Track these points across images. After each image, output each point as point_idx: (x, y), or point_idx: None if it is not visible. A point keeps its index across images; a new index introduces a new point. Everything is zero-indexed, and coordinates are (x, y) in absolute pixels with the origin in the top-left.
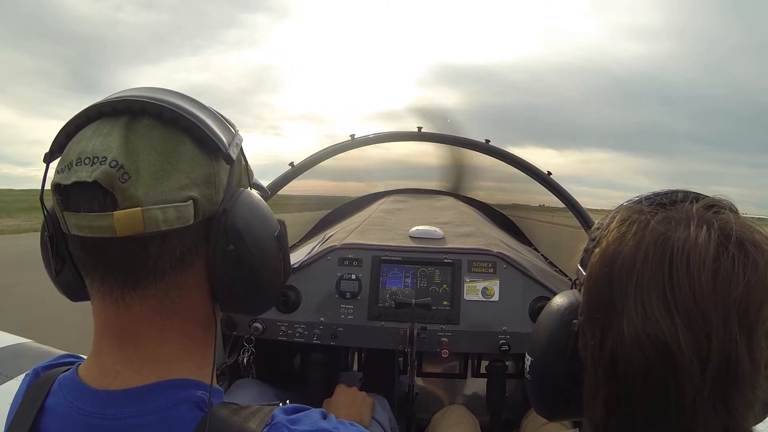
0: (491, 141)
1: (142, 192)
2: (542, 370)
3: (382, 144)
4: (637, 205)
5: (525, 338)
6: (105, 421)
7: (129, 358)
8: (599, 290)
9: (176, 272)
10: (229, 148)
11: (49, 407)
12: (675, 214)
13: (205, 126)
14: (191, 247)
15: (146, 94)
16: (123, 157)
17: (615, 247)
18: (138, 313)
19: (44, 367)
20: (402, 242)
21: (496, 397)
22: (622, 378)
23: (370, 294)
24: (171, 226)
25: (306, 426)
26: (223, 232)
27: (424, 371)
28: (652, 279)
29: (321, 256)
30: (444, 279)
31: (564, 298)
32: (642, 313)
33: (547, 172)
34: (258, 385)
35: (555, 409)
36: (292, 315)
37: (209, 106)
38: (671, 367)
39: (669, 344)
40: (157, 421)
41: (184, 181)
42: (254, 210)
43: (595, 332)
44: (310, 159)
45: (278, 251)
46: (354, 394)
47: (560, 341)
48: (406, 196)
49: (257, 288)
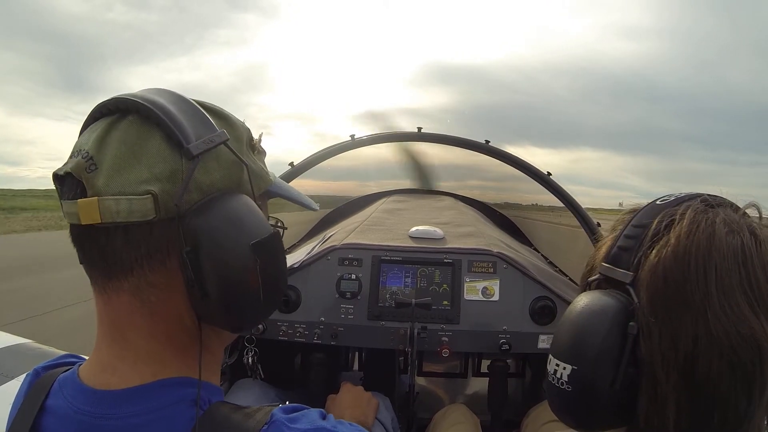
0: (481, 140)
1: (102, 182)
2: (592, 378)
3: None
4: (698, 204)
5: (525, 338)
6: (105, 421)
7: (121, 353)
8: (670, 287)
9: (145, 269)
10: (194, 143)
11: (49, 407)
12: (728, 217)
13: (172, 120)
14: (159, 246)
15: (140, 93)
16: (94, 150)
17: (688, 242)
18: (117, 306)
19: (45, 367)
20: (402, 242)
21: (498, 397)
22: (702, 378)
23: (371, 294)
24: (126, 218)
25: (305, 425)
26: (181, 231)
27: (424, 371)
28: (732, 275)
29: (321, 256)
30: (444, 279)
31: (605, 299)
32: (730, 311)
33: (546, 172)
34: (259, 386)
35: (597, 420)
36: (292, 315)
37: (213, 107)
38: (759, 362)
39: (761, 342)
40: (156, 419)
41: (145, 175)
42: (228, 213)
43: (664, 333)
44: (310, 159)
45: (252, 259)
46: (360, 394)
47: (614, 347)
48: (406, 196)
49: (226, 296)
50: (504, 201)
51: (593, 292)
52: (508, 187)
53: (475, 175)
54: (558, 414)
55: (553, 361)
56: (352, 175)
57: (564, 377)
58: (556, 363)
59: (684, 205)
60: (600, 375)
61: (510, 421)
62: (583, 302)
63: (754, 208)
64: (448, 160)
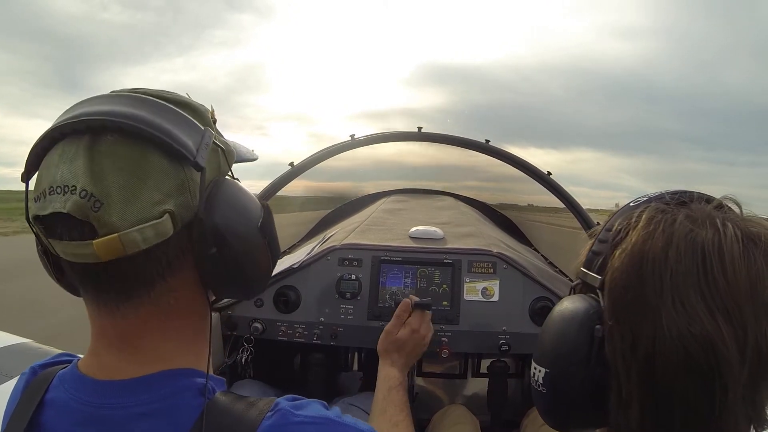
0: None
1: (117, 217)
2: (561, 380)
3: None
4: (657, 204)
5: (525, 338)
6: (108, 411)
7: (128, 357)
8: (628, 290)
9: (165, 278)
10: (197, 153)
11: (49, 401)
12: (694, 213)
13: (168, 135)
14: (177, 254)
15: (103, 108)
16: (91, 185)
17: (644, 244)
18: (134, 321)
19: (41, 365)
20: (402, 242)
21: (498, 397)
22: (661, 379)
23: (370, 294)
24: (151, 243)
25: (310, 412)
26: (204, 235)
27: (424, 371)
28: (687, 276)
29: (321, 256)
30: (444, 279)
31: (577, 303)
32: (682, 311)
33: (547, 172)
34: (260, 386)
35: (575, 420)
36: (292, 315)
37: (176, 99)
38: (716, 363)
39: (714, 340)
40: (161, 408)
41: (157, 197)
42: (233, 205)
43: (625, 334)
44: (310, 159)
45: (262, 240)
46: (420, 342)
47: (582, 349)
48: (406, 197)
49: (246, 279)
50: (504, 201)
51: (570, 297)
52: (507, 188)
53: (475, 175)
54: (540, 415)
55: (533, 365)
56: (352, 175)
57: (540, 380)
58: (535, 366)
59: (643, 206)
60: (569, 377)
61: (509, 421)
62: (559, 308)
63: (730, 201)
64: (448, 160)
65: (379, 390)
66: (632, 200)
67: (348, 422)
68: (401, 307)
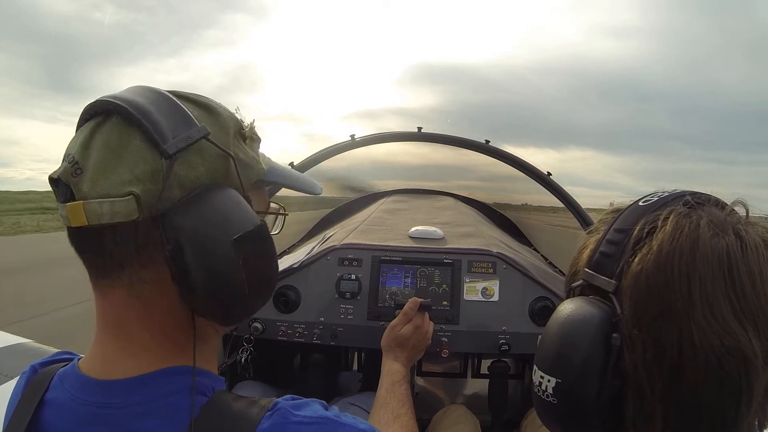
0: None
1: (87, 186)
2: (576, 392)
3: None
4: (679, 207)
5: (525, 338)
6: (108, 410)
7: (122, 345)
8: (654, 297)
9: (134, 266)
10: (171, 142)
11: (49, 401)
12: (714, 218)
13: (150, 120)
14: (145, 243)
15: (122, 94)
16: (79, 154)
17: (671, 249)
18: (113, 301)
19: (41, 364)
20: (402, 242)
21: (499, 397)
22: (687, 390)
23: (370, 294)
24: (111, 220)
25: (309, 412)
26: (164, 229)
27: (424, 371)
28: (716, 282)
29: (321, 256)
30: (444, 279)
31: (587, 308)
32: (713, 320)
33: (546, 172)
34: (261, 387)
35: (591, 431)
36: (291, 315)
37: (192, 97)
38: (746, 375)
39: (746, 352)
40: (159, 407)
41: (127, 177)
42: (209, 208)
43: (649, 344)
44: (310, 159)
45: (234, 255)
46: (424, 338)
47: (597, 359)
48: (406, 197)
49: (211, 291)
50: (504, 201)
51: (576, 300)
52: (507, 188)
53: (475, 175)
54: (546, 425)
55: (538, 373)
56: (352, 175)
57: (549, 390)
58: (541, 375)
59: (667, 209)
60: (584, 388)
61: (509, 421)
62: (566, 312)
63: (741, 206)
64: (448, 161)
65: (383, 384)
66: (641, 199)
67: (347, 422)
68: (409, 304)
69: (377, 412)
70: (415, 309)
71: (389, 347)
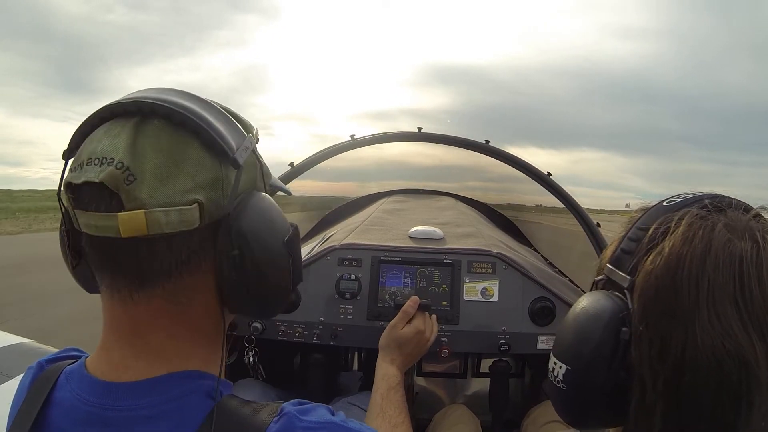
0: (480, 140)
1: (146, 194)
2: (584, 380)
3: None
4: (697, 209)
5: (524, 338)
6: (115, 413)
7: (137, 353)
8: (661, 295)
9: (182, 274)
10: (237, 152)
11: (56, 400)
12: (732, 222)
13: (213, 129)
14: (198, 250)
15: (157, 95)
16: (129, 159)
17: (681, 250)
18: (145, 312)
19: (48, 360)
20: (402, 242)
21: (500, 397)
22: (687, 389)
23: (370, 294)
24: (174, 229)
25: (316, 417)
26: (228, 236)
27: (424, 371)
28: (724, 286)
29: (321, 256)
30: (443, 279)
31: (603, 301)
32: (717, 323)
33: (546, 172)
34: (261, 386)
35: (592, 419)
36: (291, 315)
37: (224, 107)
38: (746, 379)
39: (747, 358)
40: (167, 411)
41: (190, 185)
42: (263, 214)
43: (654, 341)
44: (310, 159)
45: (287, 257)
46: (422, 341)
47: (606, 350)
48: (406, 197)
49: (264, 292)
50: (504, 202)
51: (595, 293)
52: (507, 188)
53: (475, 175)
54: (556, 410)
55: (552, 359)
56: (352, 175)
57: (560, 376)
58: (554, 361)
59: (683, 210)
60: (591, 377)
61: (510, 421)
62: (584, 303)
63: (766, 211)
64: (448, 161)
65: (377, 389)
66: (665, 199)
67: (354, 427)
68: (409, 303)
69: (374, 420)
70: (414, 307)
71: (387, 346)
